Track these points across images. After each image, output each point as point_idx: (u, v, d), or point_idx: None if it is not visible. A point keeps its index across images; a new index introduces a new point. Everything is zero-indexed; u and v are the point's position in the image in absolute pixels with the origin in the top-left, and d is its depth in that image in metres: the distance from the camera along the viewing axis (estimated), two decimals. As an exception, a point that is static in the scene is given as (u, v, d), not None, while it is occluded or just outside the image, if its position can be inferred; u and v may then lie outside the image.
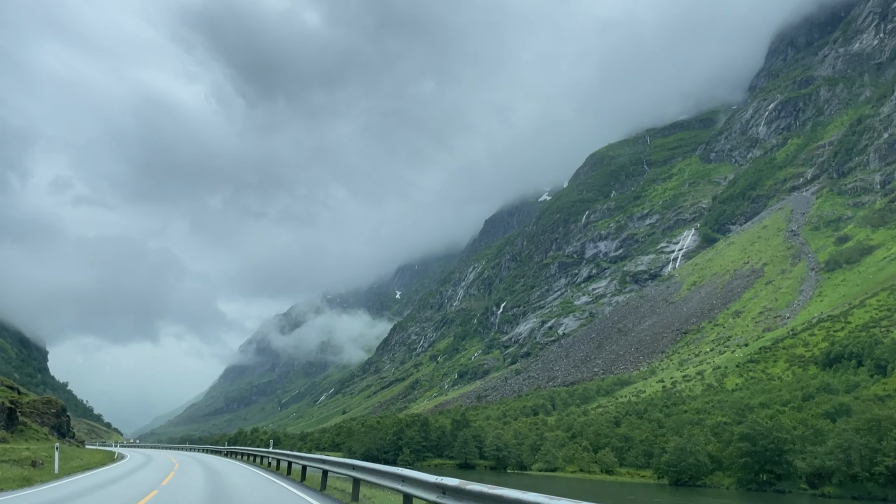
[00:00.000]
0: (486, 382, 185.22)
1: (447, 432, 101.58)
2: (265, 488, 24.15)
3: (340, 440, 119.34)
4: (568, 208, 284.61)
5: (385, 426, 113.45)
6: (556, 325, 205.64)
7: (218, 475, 30.44)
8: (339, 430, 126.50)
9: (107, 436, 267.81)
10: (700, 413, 77.72)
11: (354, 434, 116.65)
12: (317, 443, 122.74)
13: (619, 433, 78.96)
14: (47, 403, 61.36)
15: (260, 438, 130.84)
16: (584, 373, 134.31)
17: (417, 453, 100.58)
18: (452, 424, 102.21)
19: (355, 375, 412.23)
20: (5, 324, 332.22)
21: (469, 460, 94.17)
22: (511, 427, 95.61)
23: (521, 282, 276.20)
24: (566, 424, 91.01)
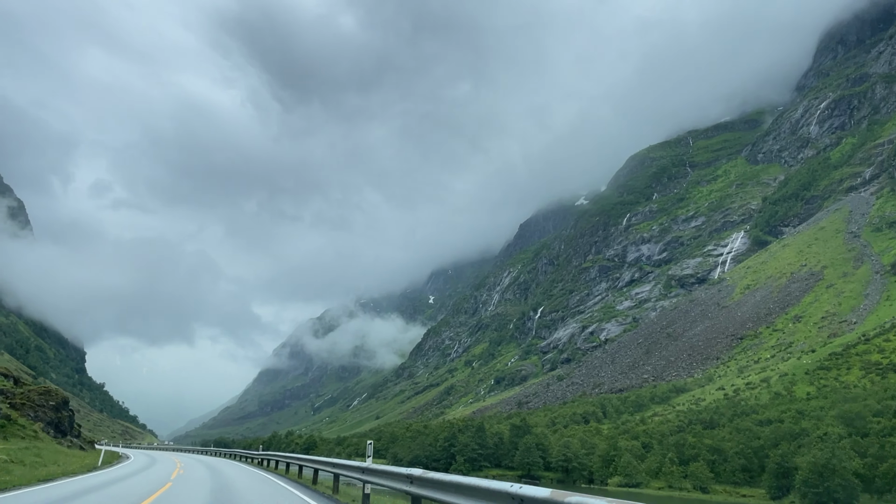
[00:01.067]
0: (526, 388, 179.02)
1: (505, 439, 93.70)
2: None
3: (381, 445, 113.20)
4: (608, 211, 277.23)
5: (433, 431, 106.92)
6: (598, 330, 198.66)
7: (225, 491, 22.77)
8: (380, 434, 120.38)
9: (141, 437, 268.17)
10: (772, 422, 69.89)
11: (399, 439, 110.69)
12: (356, 448, 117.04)
13: (707, 444, 68.88)
14: (45, 394, 52.83)
15: (295, 442, 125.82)
16: (633, 379, 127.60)
17: (472, 462, 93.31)
18: (511, 430, 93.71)
19: (388, 380, 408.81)
20: (44, 324, 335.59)
21: (532, 471, 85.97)
22: (576, 435, 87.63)
23: (559, 286, 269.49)
24: (632, 433, 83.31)
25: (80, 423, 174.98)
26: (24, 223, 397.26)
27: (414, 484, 16.63)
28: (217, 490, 22.86)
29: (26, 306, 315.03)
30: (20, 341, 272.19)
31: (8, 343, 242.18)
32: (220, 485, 25.49)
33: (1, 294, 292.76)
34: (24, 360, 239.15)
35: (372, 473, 20.57)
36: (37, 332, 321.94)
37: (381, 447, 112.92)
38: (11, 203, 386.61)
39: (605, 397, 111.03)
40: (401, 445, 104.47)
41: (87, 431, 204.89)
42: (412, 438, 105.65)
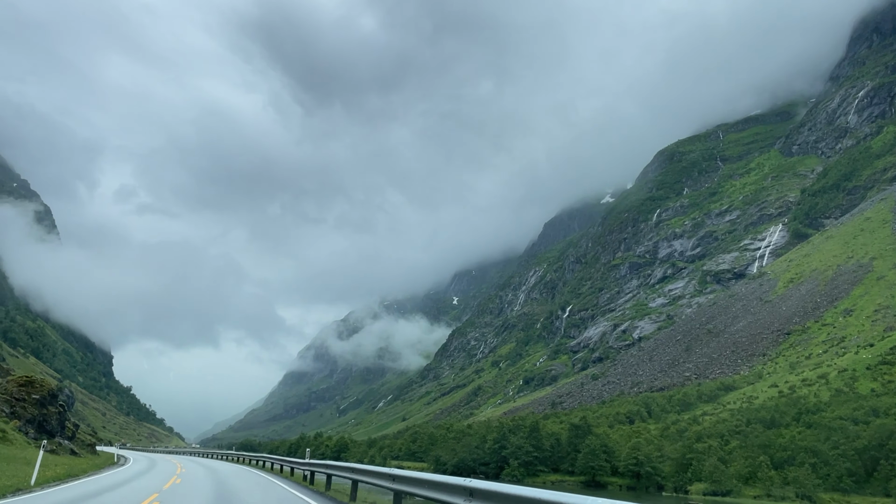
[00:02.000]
0: (559, 388, 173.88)
1: (563, 440, 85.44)
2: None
3: (418, 448, 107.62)
4: (637, 207, 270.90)
5: (479, 432, 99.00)
6: (631, 328, 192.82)
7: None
8: (416, 436, 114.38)
9: (167, 440, 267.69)
10: (858, 421, 63.38)
11: (439, 441, 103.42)
12: (389, 450, 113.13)
13: (801, 445, 60.02)
14: (27, 385, 43.56)
15: (325, 444, 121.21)
16: (674, 377, 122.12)
17: (527, 466, 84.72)
18: (570, 431, 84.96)
19: (414, 382, 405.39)
20: (71, 328, 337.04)
21: (597, 476, 77.44)
22: (641, 436, 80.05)
23: (587, 284, 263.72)
24: (686, 434, 76.81)
25: (80, 421, 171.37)
26: (50, 227, 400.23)
27: (475, 499, 13.35)
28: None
29: (53, 310, 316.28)
30: (47, 345, 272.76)
31: (35, 347, 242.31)
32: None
33: (28, 298, 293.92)
34: (50, 364, 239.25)
35: (427, 486, 16.24)
36: (64, 336, 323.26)
37: (418, 449, 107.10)
38: (38, 208, 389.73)
39: (647, 396, 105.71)
40: (443, 448, 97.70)
41: (112, 434, 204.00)
42: (456, 440, 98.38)
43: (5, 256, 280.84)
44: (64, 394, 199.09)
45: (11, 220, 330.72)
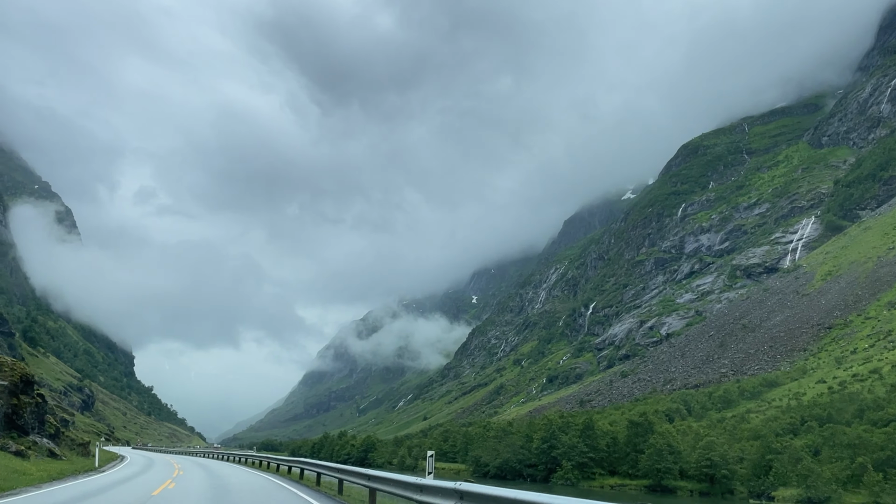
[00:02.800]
0: (586, 386, 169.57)
1: (619, 439, 77.39)
2: None
3: (450, 447, 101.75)
4: (661, 201, 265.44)
5: (523, 430, 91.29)
6: (658, 324, 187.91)
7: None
8: (447, 435, 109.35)
9: (188, 440, 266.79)
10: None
11: (475, 441, 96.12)
12: (418, 449, 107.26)
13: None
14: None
15: (350, 444, 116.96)
16: (709, 374, 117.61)
17: (581, 468, 76.68)
18: (630, 428, 76.42)
19: (434, 381, 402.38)
20: (92, 328, 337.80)
21: (664, 480, 68.53)
22: (715, 435, 71.01)
23: (611, 281, 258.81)
24: (734, 432, 71.66)
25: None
26: (70, 227, 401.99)
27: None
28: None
29: (74, 310, 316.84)
30: (68, 345, 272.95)
31: (55, 347, 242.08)
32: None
33: (49, 298, 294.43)
34: (71, 364, 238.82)
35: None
36: (85, 336, 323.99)
37: (450, 449, 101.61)
38: (59, 208, 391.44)
39: (686, 393, 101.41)
40: (482, 448, 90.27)
41: (132, 433, 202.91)
42: (497, 439, 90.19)
43: (26, 257, 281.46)
44: (84, 392, 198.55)
45: (32, 220, 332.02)
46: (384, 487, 20.63)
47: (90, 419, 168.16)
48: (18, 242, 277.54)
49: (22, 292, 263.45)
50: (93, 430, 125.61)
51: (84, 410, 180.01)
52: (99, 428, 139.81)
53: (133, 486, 27.49)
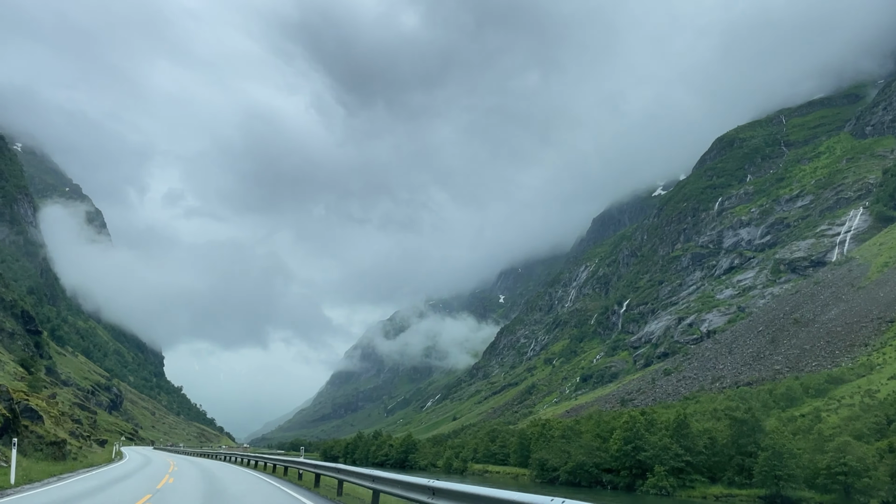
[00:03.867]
0: (626, 385, 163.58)
1: (719, 440, 65.84)
2: None
3: (499, 448, 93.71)
4: (697, 196, 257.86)
5: (593, 429, 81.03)
6: (698, 321, 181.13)
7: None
8: (494, 435, 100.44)
9: (217, 440, 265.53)
10: None
11: (533, 441, 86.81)
12: (464, 451, 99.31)
13: None
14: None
15: (388, 444, 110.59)
16: (761, 371, 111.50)
17: (677, 473, 65.40)
18: (732, 428, 64.45)
19: (462, 381, 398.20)
20: (122, 328, 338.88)
21: (784, 490, 57.52)
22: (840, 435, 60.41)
23: (645, 278, 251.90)
24: (812, 433, 62.48)
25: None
26: (100, 227, 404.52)
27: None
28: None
29: (104, 310, 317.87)
30: (98, 345, 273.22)
31: (85, 346, 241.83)
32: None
33: (79, 298, 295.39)
34: (101, 364, 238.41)
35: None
36: (115, 336, 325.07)
37: (499, 451, 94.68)
38: (89, 208, 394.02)
39: (742, 391, 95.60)
40: (548, 449, 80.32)
41: (161, 433, 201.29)
42: (565, 440, 79.89)
43: (57, 257, 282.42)
44: (112, 392, 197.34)
45: (62, 220, 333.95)
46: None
47: (117, 418, 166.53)
48: (49, 243, 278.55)
49: (52, 293, 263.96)
50: (115, 429, 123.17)
51: (112, 410, 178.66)
52: (122, 427, 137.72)
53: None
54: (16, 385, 59.58)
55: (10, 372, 71.11)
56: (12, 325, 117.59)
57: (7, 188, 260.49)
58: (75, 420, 63.82)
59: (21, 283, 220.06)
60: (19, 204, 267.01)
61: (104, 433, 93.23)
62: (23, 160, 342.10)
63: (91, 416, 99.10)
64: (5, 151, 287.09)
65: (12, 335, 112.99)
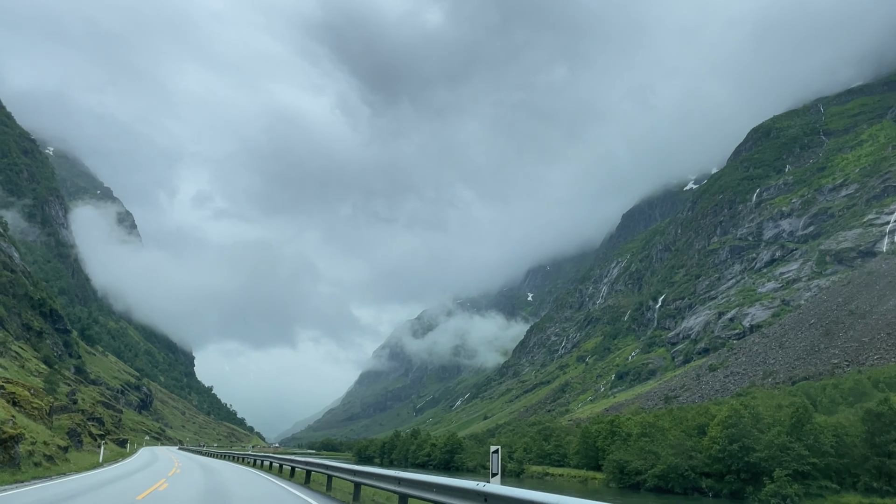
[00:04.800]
0: (668, 382, 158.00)
1: (847, 438, 56.24)
2: None
3: (553, 448, 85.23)
4: (733, 187, 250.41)
5: (675, 425, 71.28)
6: (740, 315, 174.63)
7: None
8: (547, 433, 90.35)
9: (247, 440, 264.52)
10: None
11: (600, 439, 78.62)
12: (516, 450, 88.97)
13: None
14: None
15: (430, 444, 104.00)
16: (818, 366, 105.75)
17: (801, 478, 55.26)
18: (865, 422, 54.20)
19: (492, 379, 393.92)
20: (153, 329, 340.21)
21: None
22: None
23: (680, 272, 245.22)
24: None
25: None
26: (130, 228, 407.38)
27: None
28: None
29: (135, 310, 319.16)
30: (129, 345, 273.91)
31: (116, 347, 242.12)
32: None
33: (110, 299, 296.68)
34: (131, 364, 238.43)
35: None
36: (146, 336, 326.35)
37: (553, 451, 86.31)
38: (119, 209, 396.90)
39: (804, 386, 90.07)
40: (626, 450, 71.12)
41: (191, 433, 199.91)
42: (648, 438, 69.80)
43: (87, 258, 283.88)
44: (142, 391, 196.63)
45: (93, 221, 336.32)
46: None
47: (146, 418, 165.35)
48: (79, 244, 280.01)
49: (84, 293, 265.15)
50: (141, 429, 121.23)
51: (141, 409, 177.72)
52: (149, 426, 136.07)
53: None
54: (14, 377, 56.75)
55: (30, 369, 68.88)
56: (40, 323, 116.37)
57: (38, 190, 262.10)
58: (94, 418, 60.90)
59: (52, 283, 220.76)
60: (51, 206, 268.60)
61: (129, 432, 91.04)
62: (55, 164, 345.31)
63: (116, 415, 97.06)
64: (36, 154, 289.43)
65: (40, 334, 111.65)
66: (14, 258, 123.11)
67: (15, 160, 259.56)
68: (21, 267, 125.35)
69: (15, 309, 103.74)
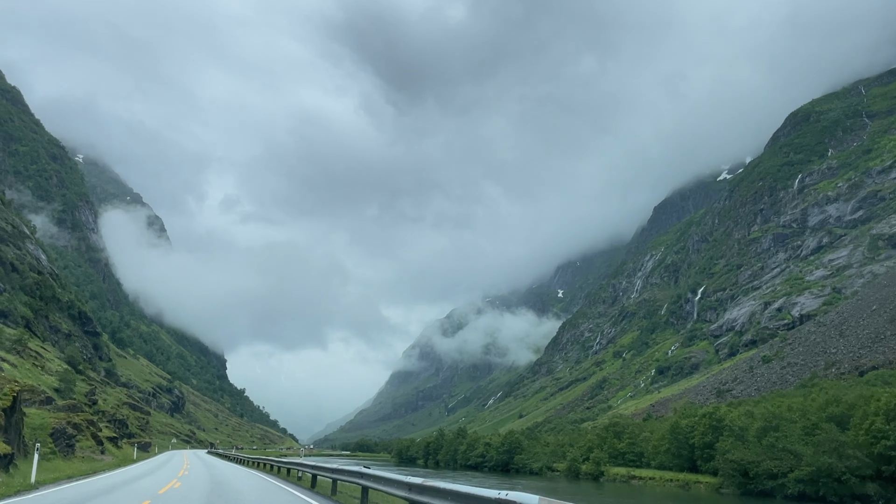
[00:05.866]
0: (716, 375, 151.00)
1: None
2: None
3: (627, 446, 75.68)
4: (773, 174, 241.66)
5: (801, 418, 58.01)
6: (788, 305, 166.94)
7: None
8: (619, 430, 79.78)
9: (281, 442, 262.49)
10: None
11: (698, 433, 67.00)
12: (577, 449, 79.32)
13: None
14: None
15: (485, 443, 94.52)
16: (886, 354, 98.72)
17: None
18: None
19: (525, 377, 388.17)
20: (184, 332, 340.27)
21: None
22: None
23: (720, 263, 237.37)
24: None
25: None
26: (159, 231, 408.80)
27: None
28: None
29: (166, 314, 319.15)
30: (161, 349, 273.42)
31: (148, 350, 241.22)
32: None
33: (140, 302, 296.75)
34: (163, 367, 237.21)
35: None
36: (178, 340, 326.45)
37: (627, 449, 76.88)
38: (149, 213, 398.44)
39: (882, 374, 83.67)
40: (747, 449, 57.98)
41: (224, 435, 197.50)
42: (779, 433, 56.26)
43: (118, 262, 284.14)
44: (174, 394, 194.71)
45: (123, 225, 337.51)
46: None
47: (179, 420, 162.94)
48: (109, 247, 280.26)
49: (115, 297, 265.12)
50: (170, 431, 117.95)
51: (174, 412, 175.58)
52: (178, 429, 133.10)
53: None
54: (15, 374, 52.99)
55: (50, 369, 65.62)
56: (69, 326, 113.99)
57: (68, 195, 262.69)
58: (114, 420, 56.93)
59: (84, 287, 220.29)
60: (80, 211, 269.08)
61: (157, 435, 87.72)
62: (84, 171, 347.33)
63: (143, 417, 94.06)
64: (65, 161, 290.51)
65: (69, 336, 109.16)
66: (41, 260, 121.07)
67: (44, 166, 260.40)
68: (49, 269, 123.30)
69: (42, 311, 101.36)
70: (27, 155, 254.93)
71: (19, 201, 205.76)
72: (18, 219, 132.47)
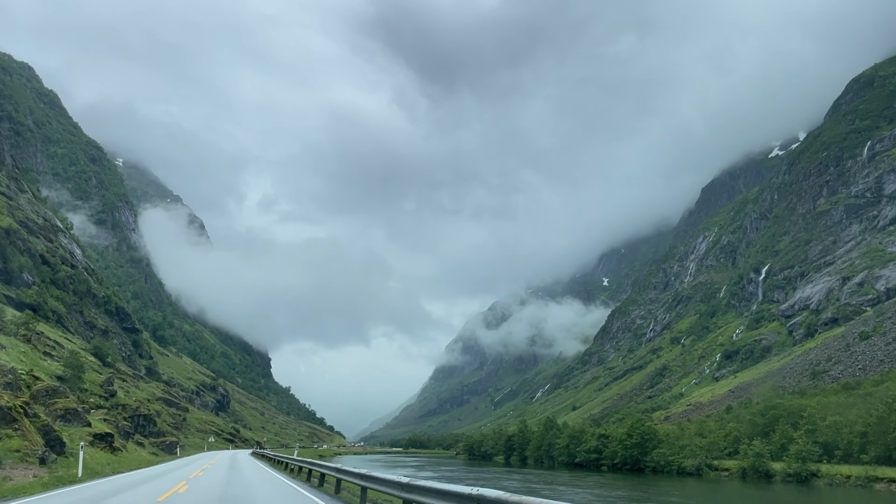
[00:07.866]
0: (803, 356, 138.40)
1: None
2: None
3: (775, 435, 61.56)
4: (838, 143, 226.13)
5: None
6: (870, 279, 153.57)
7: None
8: (771, 417, 62.79)
9: (329, 439, 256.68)
10: None
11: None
12: (750, 444, 62.73)
13: None
14: None
15: (602, 436, 79.66)
16: None
17: None
18: None
19: (574, 368, 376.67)
20: (227, 331, 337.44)
21: None
22: None
23: (784, 239, 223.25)
24: None
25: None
26: (199, 229, 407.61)
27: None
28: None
29: (208, 312, 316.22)
30: (205, 348, 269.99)
31: (191, 349, 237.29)
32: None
33: (182, 301, 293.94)
34: (207, 366, 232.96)
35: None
36: (222, 339, 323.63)
37: (777, 439, 61.65)
38: (189, 211, 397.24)
39: None
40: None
41: (271, 434, 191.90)
42: None
43: (159, 261, 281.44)
44: (218, 392, 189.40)
45: (163, 224, 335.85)
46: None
47: (224, 419, 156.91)
48: (150, 247, 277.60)
49: (157, 297, 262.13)
50: (209, 429, 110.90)
51: (219, 410, 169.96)
52: (220, 426, 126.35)
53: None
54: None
55: (63, 357, 58.54)
56: (105, 322, 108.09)
57: (107, 196, 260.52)
58: (137, 416, 48.97)
59: (125, 287, 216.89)
60: (120, 211, 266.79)
61: (194, 433, 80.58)
62: (125, 174, 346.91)
63: (179, 414, 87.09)
64: (104, 162, 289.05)
65: (105, 332, 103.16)
66: (76, 254, 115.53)
67: (83, 168, 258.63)
68: (83, 263, 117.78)
69: (76, 306, 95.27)
70: (66, 157, 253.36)
71: (57, 199, 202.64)
72: (53, 213, 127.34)
